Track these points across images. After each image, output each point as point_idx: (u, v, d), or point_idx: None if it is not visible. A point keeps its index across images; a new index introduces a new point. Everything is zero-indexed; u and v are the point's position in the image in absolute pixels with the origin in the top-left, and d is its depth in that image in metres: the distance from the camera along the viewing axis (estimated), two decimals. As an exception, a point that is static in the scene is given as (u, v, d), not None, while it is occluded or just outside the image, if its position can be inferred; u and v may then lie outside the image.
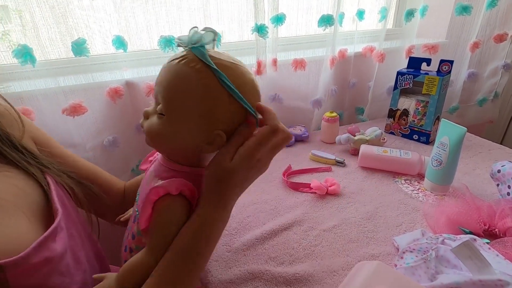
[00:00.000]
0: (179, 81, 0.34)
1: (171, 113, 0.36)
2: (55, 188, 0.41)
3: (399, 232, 0.54)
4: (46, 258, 0.33)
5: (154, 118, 0.37)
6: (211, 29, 0.35)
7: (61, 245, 0.36)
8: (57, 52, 0.66)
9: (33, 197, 0.38)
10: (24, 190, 0.37)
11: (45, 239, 0.33)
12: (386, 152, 0.72)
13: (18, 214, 0.34)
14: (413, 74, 0.84)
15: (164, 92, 0.35)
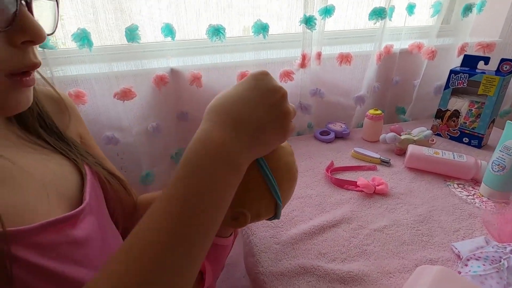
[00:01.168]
0: None
1: None
2: (90, 178, 0.41)
3: (457, 238, 0.51)
4: (53, 241, 0.32)
5: None
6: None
7: (82, 234, 0.35)
8: (112, 38, 0.68)
9: (66, 183, 0.38)
10: (57, 174, 0.37)
11: (56, 222, 0.32)
12: (438, 154, 0.68)
13: (41, 193, 0.34)
14: (469, 73, 0.79)
15: None
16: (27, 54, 0.29)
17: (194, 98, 0.83)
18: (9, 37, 0.27)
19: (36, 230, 0.30)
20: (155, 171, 0.84)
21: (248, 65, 0.81)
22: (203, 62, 0.80)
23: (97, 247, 0.38)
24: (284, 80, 0.84)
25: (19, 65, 0.29)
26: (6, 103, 0.30)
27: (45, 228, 0.31)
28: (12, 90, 0.29)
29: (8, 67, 0.28)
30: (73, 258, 0.34)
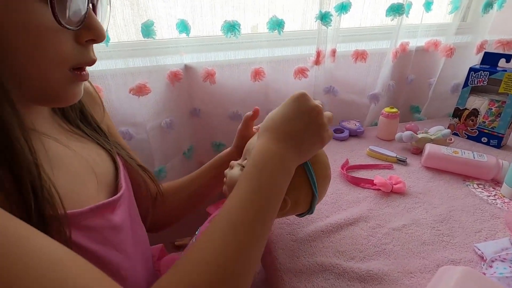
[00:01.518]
0: None
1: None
2: (123, 168, 0.44)
3: (480, 239, 0.49)
4: (99, 225, 0.34)
5: (237, 169, 0.42)
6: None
7: (119, 219, 0.38)
8: (128, 33, 0.68)
9: (104, 170, 0.41)
10: (97, 162, 0.40)
11: (102, 206, 0.35)
12: (457, 153, 0.67)
13: (90, 178, 0.37)
14: (489, 70, 0.77)
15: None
16: (88, 51, 0.32)
17: (206, 94, 0.83)
18: (77, 35, 0.30)
19: (86, 214, 0.33)
20: (168, 166, 0.85)
21: (262, 62, 0.80)
22: (217, 59, 0.79)
23: (129, 234, 0.40)
24: (298, 77, 0.83)
25: (82, 60, 0.32)
26: (66, 94, 0.32)
27: (93, 212, 0.34)
28: (72, 83, 0.32)
29: (73, 62, 0.31)
30: (113, 242, 0.36)
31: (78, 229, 0.31)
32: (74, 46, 0.30)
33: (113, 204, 0.38)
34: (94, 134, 0.43)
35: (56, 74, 0.30)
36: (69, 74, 0.31)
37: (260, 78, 0.81)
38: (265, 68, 0.81)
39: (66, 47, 0.29)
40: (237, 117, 0.86)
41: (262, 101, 0.86)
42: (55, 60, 0.29)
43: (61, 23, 0.27)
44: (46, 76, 0.29)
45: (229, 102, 0.84)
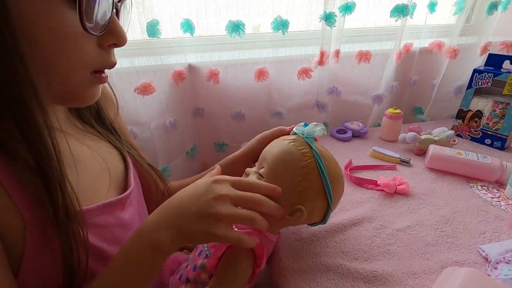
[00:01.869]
0: (286, 156, 0.41)
1: (270, 178, 0.41)
2: (132, 167, 0.44)
3: (484, 240, 0.49)
4: (109, 223, 0.35)
5: (254, 177, 0.42)
6: (323, 126, 0.43)
7: (128, 216, 0.39)
8: (133, 33, 0.68)
9: (116, 167, 0.41)
10: (107, 159, 0.40)
11: (111, 204, 0.36)
12: (461, 155, 0.67)
13: (102, 175, 0.38)
14: (493, 72, 0.76)
15: (271, 161, 0.41)
16: (109, 55, 0.33)
17: (210, 94, 0.83)
18: (100, 40, 0.31)
19: (96, 211, 0.33)
20: (171, 166, 0.85)
21: (266, 62, 0.81)
22: (220, 59, 0.80)
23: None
24: (302, 77, 0.84)
25: (104, 64, 0.32)
26: (85, 95, 0.33)
27: (103, 210, 0.34)
28: (92, 85, 0.33)
29: (95, 65, 0.31)
30: (122, 240, 0.36)
31: (87, 226, 0.31)
32: (97, 50, 0.31)
33: (123, 202, 0.38)
34: (107, 133, 0.44)
35: (78, 77, 0.31)
36: (90, 77, 0.32)
37: (263, 78, 0.81)
38: (268, 68, 0.81)
39: (90, 52, 0.30)
40: (240, 117, 0.86)
41: (265, 101, 0.86)
42: (78, 63, 0.30)
43: (87, 29, 0.28)
44: (69, 78, 0.30)
45: (233, 102, 0.85)
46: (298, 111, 0.90)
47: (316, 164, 0.40)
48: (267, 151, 0.43)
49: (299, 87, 0.86)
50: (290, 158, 0.41)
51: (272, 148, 0.43)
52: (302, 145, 0.42)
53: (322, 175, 0.40)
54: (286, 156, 0.41)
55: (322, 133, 0.43)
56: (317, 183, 0.40)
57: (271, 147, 0.43)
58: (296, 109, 0.90)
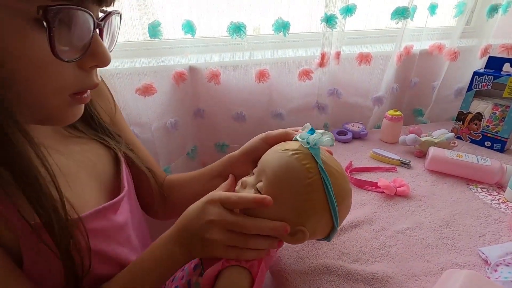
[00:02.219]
0: (288, 172, 0.36)
1: (268, 195, 0.36)
2: (125, 166, 0.44)
3: (484, 243, 0.50)
4: (103, 227, 0.36)
5: (251, 191, 0.38)
6: (331, 134, 0.38)
7: (122, 218, 0.39)
8: (135, 33, 0.69)
9: (105, 171, 0.41)
10: (96, 164, 0.40)
11: (104, 209, 0.36)
12: (461, 157, 0.67)
13: (91, 183, 0.37)
14: (494, 75, 0.77)
15: (270, 176, 0.37)
16: (91, 76, 0.31)
17: (211, 95, 0.83)
18: (80, 62, 0.29)
19: (87, 218, 0.33)
20: (172, 167, 0.85)
21: (266, 63, 0.81)
22: (221, 60, 0.80)
23: (132, 229, 0.42)
24: (302, 79, 0.84)
25: (84, 86, 0.31)
26: (65, 117, 0.32)
27: (95, 215, 0.35)
28: (71, 106, 0.31)
29: (74, 88, 0.30)
30: (119, 240, 0.38)
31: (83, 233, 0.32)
32: (77, 72, 0.29)
33: (117, 205, 0.38)
34: (95, 133, 0.42)
35: (55, 101, 0.29)
36: (69, 99, 0.30)
37: (264, 80, 0.81)
38: (269, 70, 0.81)
39: (68, 76, 0.28)
40: (241, 118, 0.86)
41: (266, 103, 0.86)
42: (54, 88, 0.28)
43: (58, 56, 0.26)
44: (45, 103, 0.29)
45: (233, 103, 0.85)
46: (299, 112, 0.90)
47: (322, 181, 0.36)
48: (267, 163, 0.38)
49: (299, 89, 0.86)
50: (292, 175, 0.36)
51: (272, 160, 0.38)
52: (306, 158, 0.36)
53: (328, 194, 0.36)
54: (288, 172, 0.36)
55: (330, 144, 0.38)
56: (322, 202, 0.36)
57: (271, 158, 0.38)
58: (297, 111, 0.90)
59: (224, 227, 0.34)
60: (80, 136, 0.40)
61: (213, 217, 0.34)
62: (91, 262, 0.32)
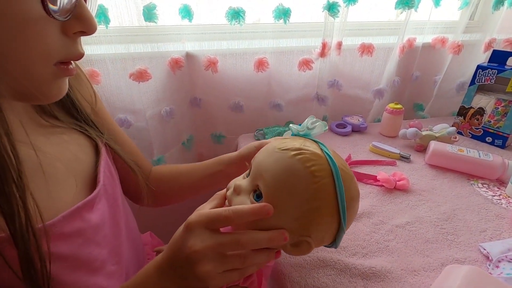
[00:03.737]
0: (290, 177, 0.31)
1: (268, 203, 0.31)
2: (105, 157, 0.41)
3: (484, 238, 0.48)
4: (79, 228, 0.32)
5: (247, 200, 0.33)
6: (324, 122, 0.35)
7: (98, 216, 0.35)
8: (129, 17, 0.65)
9: (84, 164, 0.38)
10: (77, 155, 0.37)
11: (78, 209, 0.33)
12: (462, 152, 0.65)
13: (68, 180, 0.34)
14: (497, 69, 0.75)
15: (270, 181, 0.31)
16: (76, 44, 0.29)
17: (207, 83, 0.81)
18: (64, 26, 0.27)
19: (60, 222, 0.30)
20: (167, 156, 0.83)
21: (266, 52, 0.78)
22: (219, 47, 0.77)
23: (110, 227, 0.38)
24: (302, 69, 0.82)
25: (69, 54, 0.29)
26: (49, 91, 0.29)
27: (68, 218, 0.31)
28: (56, 79, 0.29)
29: (59, 55, 0.28)
30: (96, 241, 0.34)
31: (55, 239, 0.29)
32: (61, 38, 0.27)
33: (91, 203, 0.35)
34: (76, 122, 0.40)
35: (40, 69, 0.27)
36: (54, 69, 0.28)
37: (263, 69, 0.79)
38: (269, 59, 0.78)
39: (53, 40, 0.26)
40: (239, 108, 0.84)
41: (264, 93, 0.84)
42: (39, 53, 0.26)
43: (50, 13, 0.24)
44: (29, 70, 0.26)
45: (231, 92, 0.82)
46: (298, 103, 0.88)
47: (331, 185, 0.31)
48: (264, 165, 0.33)
49: (299, 79, 0.84)
50: (296, 181, 0.31)
51: (271, 163, 0.32)
52: (310, 159, 0.31)
53: (341, 200, 0.31)
54: (290, 177, 0.31)
55: (323, 129, 0.35)
56: (329, 210, 0.31)
57: (268, 159, 0.33)
58: (296, 102, 0.88)
59: (213, 253, 0.29)
60: (60, 126, 0.37)
61: (197, 247, 0.28)
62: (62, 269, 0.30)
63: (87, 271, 0.33)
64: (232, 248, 0.29)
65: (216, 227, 0.30)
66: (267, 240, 0.30)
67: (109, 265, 0.36)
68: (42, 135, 0.35)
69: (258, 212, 0.29)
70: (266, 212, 0.29)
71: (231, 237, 0.29)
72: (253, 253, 0.30)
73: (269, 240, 0.30)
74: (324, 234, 0.33)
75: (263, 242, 0.30)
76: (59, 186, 0.33)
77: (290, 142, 0.33)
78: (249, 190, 0.33)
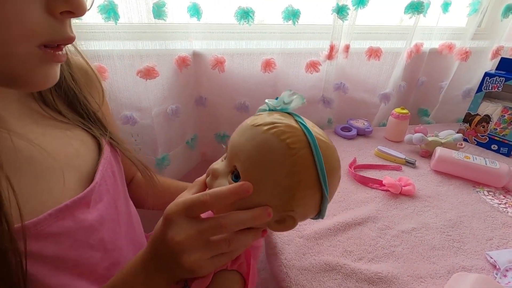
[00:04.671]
0: (266, 153, 0.29)
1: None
2: (107, 157, 0.39)
3: (491, 247, 0.48)
4: (69, 228, 0.30)
5: (225, 182, 0.31)
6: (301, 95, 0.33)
7: (95, 216, 0.34)
8: (139, 14, 0.65)
9: (84, 160, 0.36)
10: (79, 151, 0.36)
11: (65, 207, 0.31)
12: (468, 158, 0.65)
13: (59, 175, 0.32)
14: (505, 76, 0.75)
15: (245, 160, 0.30)
16: (64, 26, 0.27)
17: (214, 83, 0.81)
18: (48, 4, 0.24)
19: (46, 220, 0.29)
20: (171, 155, 0.82)
21: (273, 53, 0.78)
22: (227, 47, 0.77)
23: (111, 229, 0.37)
24: (310, 71, 0.81)
25: (55, 36, 0.26)
26: (34, 78, 0.27)
27: (56, 216, 0.30)
28: (42, 64, 0.27)
29: (43, 37, 0.25)
30: (89, 243, 0.32)
31: (39, 238, 0.28)
32: (45, 17, 0.25)
33: (86, 200, 0.33)
34: (80, 119, 0.38)
35: (21, 50, 0.25)
36: (39, 53, 0.26)
37: (270, 70, 0.79)
38: (276, 59, 0.78)
39: (35, 18, 0.24)
40: (244, 108, 0.84)
41: (270, 94, 0.84)
42: (19, 32, 0.24)
43: None
44: (9, 52, 0.24)
45: (237, 92, 0.82)
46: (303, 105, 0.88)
47: (309, 155, 0.29)
48: (238, 144, 0.31)
49: (306, 81, 0.84)
50: (272, 156, 0.29)
51: (245, 141, 0.31)
52: (285, 131, 0.30)
53: (320, 170, 0.30)
54: (265, 153, 0.29)
55: (301, 101, 0.33)
56: (310, 181, 0.30)
57: (242, 138, 0.31)
58: (301, 104, 0.87)
59: (197, 241, 0.27)
60: (64, 121, 0.36)
61: (179, 237, 0.27)
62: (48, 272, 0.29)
63: (71, 274, 0.32)
64: (215, 232, 0.28)
65: (195, 214, 0.28)
66: (250, 219, 0.28)
67: (100, 269, 0.35)
68: (43, 127, 0.33)
69: (236, 192, 0.28)
70: (245, 190, 0.28)
71: (212, 222, 0.28)
72: (238, 235, 0.29)
73: (253, 218, 0.28)
74: (308, 206, 0.32)
75: (246, 221, 0.28)
76: (52, 182, 0.31)
77: (263, 117, 0.32)
78: (226, 172, 0.32)
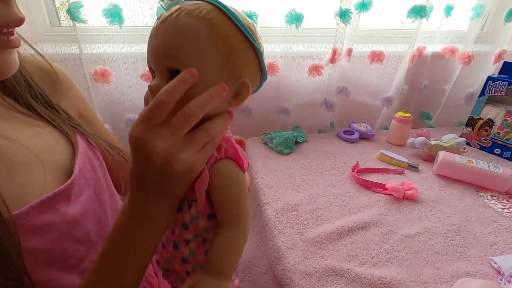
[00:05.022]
0: (188, 34, 0.28)
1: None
2: (85, 151, 0.39)
3: (495, 252, 0.48)
4: (51, 221, 0.30)
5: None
6: None
7: (77, 209, 0.34)
8: (143, 17, 0.66)
9: (59, 156, 0.36)
10: (52, 147, 0.35)
11: (47, 200, 0.30)
12: (472, 163, 0.65)
13: (37, 169, 0.32)
14: (508, 80, 0.75)
15: (175, 54, 0.29)
16: (9, 7, 0.26)
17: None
18: None
19: (28, 213, 0.29)
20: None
21: (276, 56, 0.78)
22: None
23: (95, 222, 0.37)
24: (312, 74, 0.82)
25: (4, 21, 0.25)
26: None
27: (37, 209, 0.29)
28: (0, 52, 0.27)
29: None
30: (73, 236, 0.32)
31: (22, 232, 0.28)
32: None
33: (66, 193, 0.33)
34: (49, 114, 0.38)
35: None
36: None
37: (273, 73, 0.79)
38: (279, 63, 0.79)
39: None
40: (246, 111, 0.84)
41: (273, 97, 0.84)
42: None
43: None
44: None
45: (240, 95, 0.82)
46: (306, 108, 0.88)
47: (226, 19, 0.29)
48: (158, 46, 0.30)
49: (308, 84, 0.84)
50: (194, 36, 0.28)
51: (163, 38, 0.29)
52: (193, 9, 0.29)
53: (242, 27, 0.29)
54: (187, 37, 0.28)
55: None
56: (240, 40, 0.30)
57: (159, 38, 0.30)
58: (304, 107, 0.88)
59: (177, 142, 0.27)
60: (36, 117, 0.36)
61: (159, 148, 0.26)
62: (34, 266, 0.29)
63: (59, 268, 0.32)
64: (187, 124, 0.27)
65: (158, 119, 0.27)
66: (210, 98, 0.28)
67: (87, 263, 0.35)
68: (14, 122, 0.33)
69: (184, 78, 0.27)
70: (191, 74, 0.27)
71: (179, 116, 0.27)
72: (210, 122, 0.29)
73: (211, 96, 0.28)
74: (250, 67, 0.32)
75: (208, 101, 0.28)
76: (26, 176, 0.31)
77: (165, 13, 0.31)
78: (163, 80, 0.30)
